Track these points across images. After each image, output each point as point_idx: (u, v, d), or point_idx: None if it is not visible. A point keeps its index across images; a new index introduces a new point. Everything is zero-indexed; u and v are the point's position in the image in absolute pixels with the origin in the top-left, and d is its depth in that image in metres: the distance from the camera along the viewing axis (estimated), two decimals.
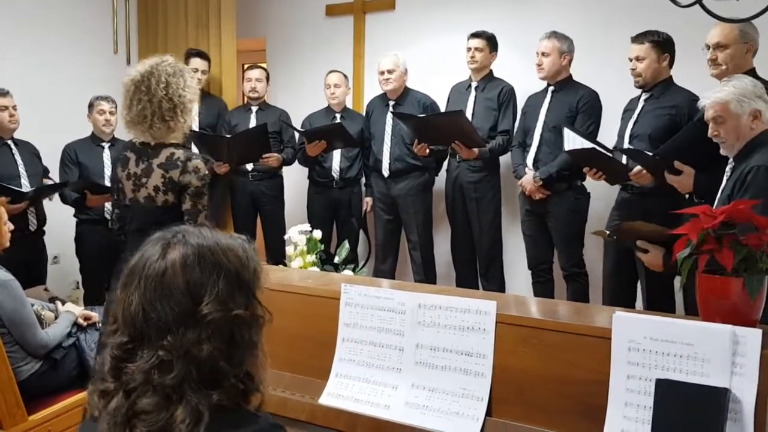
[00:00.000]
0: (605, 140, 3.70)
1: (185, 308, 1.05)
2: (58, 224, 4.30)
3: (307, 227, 3.65)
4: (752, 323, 1.46)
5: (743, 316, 1.46)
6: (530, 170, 3.88)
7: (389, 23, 5.04)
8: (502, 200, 4.29)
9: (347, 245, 3.90)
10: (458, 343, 1.68)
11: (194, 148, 4.61)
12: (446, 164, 4.46)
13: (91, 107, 4.24)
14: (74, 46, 4.87)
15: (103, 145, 4.25)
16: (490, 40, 4.18)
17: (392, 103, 4.45)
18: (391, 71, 4.36)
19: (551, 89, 3.92)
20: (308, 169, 4.74)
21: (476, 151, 4.06)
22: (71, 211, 4.28)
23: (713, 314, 1.49)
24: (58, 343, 2.88)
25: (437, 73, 4.66)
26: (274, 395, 1.76)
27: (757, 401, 1.35)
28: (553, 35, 3.85)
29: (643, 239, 2.41)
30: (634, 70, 3.41)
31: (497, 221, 4.27)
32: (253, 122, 4.70)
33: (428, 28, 4.87)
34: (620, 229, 2.54)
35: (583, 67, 3.95)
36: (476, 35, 4.18)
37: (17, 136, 3.98)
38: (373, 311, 1.80)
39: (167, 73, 2.52)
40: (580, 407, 1.53)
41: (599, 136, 3.77)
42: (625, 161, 3.39)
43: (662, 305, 3.17)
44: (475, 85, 4.25)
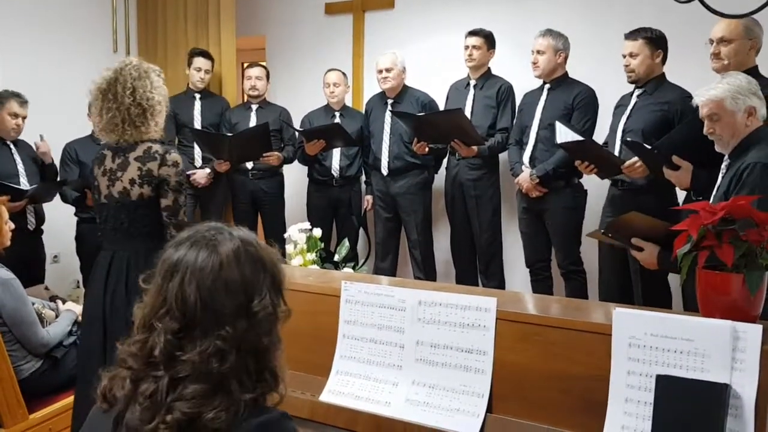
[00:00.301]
0: (602, 137, 3.71)
1: (241, 302, 1.11)
2: (58, 223, 4.30)
3: (306, 225, 3.64)
4: (752, 319, 1.46)
5: (743, 311, 1.46)
6: (527, 168, 3.88)
7: (388, 21, 5.04)
8: (501, 198, 4.29)
9: (347, 243, 3.90)
10: (459, 340, 1.69)
11: (196, 146, 4.64)
12: (446, 162, 4.46)
13: (90, 106, 4.23)
14: (74, 44, 4.86)
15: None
16: (487, 37, 4.18)
17: (391, 101, 4.45)
18: (389, 69, 4.36)
19: (547, 87, 3.92)
20: (308, 167, 4.74)
21: (475, 149, 4.06)
22: (71, 210, 4.29)
23: (713, 310, 1.49)
24: (58, 341, 2.89)
25: (436, 71, 4.66)
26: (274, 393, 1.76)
27: (757, 397, 1.35)
28: (547, 33, 3.85)
29: (638, 235, 2.40)
30: (627, 66, 3.43)
31: (497, 219, 4.28)
32: (253, 120, 4.70)
33: (427, 26, 4.87)
34: (615, 224, 2.53)
35: (580, 64, 3.95)
36: (473, 33, 4.17)
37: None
38: (373, 308, 1.80)
39: (132, 77, 2.47)
40: (580, 403, 1.53)
41: (595, 132, 3.78)
42: (617, 153, 3.40)
43: (658, 302, 3.18)
44: (473, 83, 4.25)
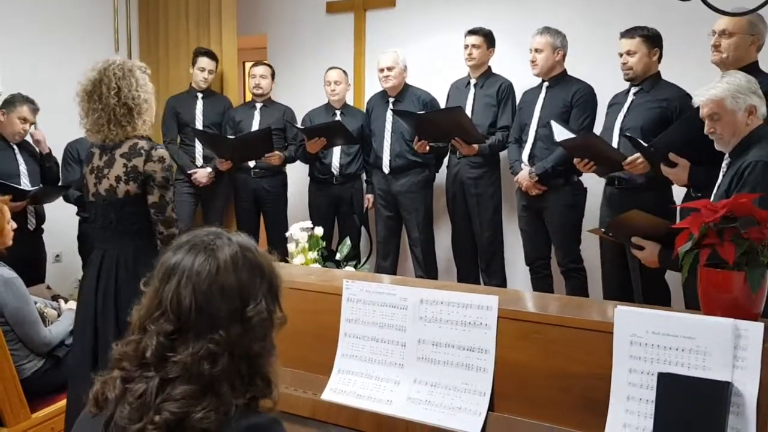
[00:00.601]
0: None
1: (236, 307, 1.12)
2: (60, 223, 4.31)
3: (308, 224, 3.64)
4: (754, 317, 1.46)
5: (745, 309, 1.46)
6: (526, 166, 3.88)
7: (389, 20, 5.04)
8: (502, 196, 4.29)
9: (349, 242, 3.90)
10: (460, 338, 1.68)
11: (198, 145, 4.65)
12: (446, 160, 4.46)
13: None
14: (74, 44, 4.86)
15: None
16: (487, 36, 4.18)
17: (392, 100, 4.45)
18: (390, 68, 4.36)
19: (546, 85, 3.92)
20: (309, 166, 4.75)
21: (476, 147, 4.06)
22: (73, 209, 4.29)
23: (715, 308, 1.49)
24: (60, 340, 2.89)
25: (437, 69, 4.66)
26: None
27: (759, 395, 1.35)
28: (545, 31, 3.85)
29: (638, 234, 2.40)
30: (625, 64, 3.43)
31: (498, 217, 4.28)
32: (257, 119, 4.71)
33: (428, 25, 4.87)
34: (615, 222, 2.53)
35: (580, 62, 3.95)
36: (473, 32, 4.17)
37: None
38: (375, 307, 1.80)
39: (117, 77, 2.45)
40: (582, 401, 1.53)
41: (594, 130, 3.77)
42: (615, 146, 3.40)
43: (658, 299, 3.18)
44: (474, 82, 4.25)
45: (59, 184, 4.17)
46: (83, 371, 2.29)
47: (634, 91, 3.46)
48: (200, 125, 4.67)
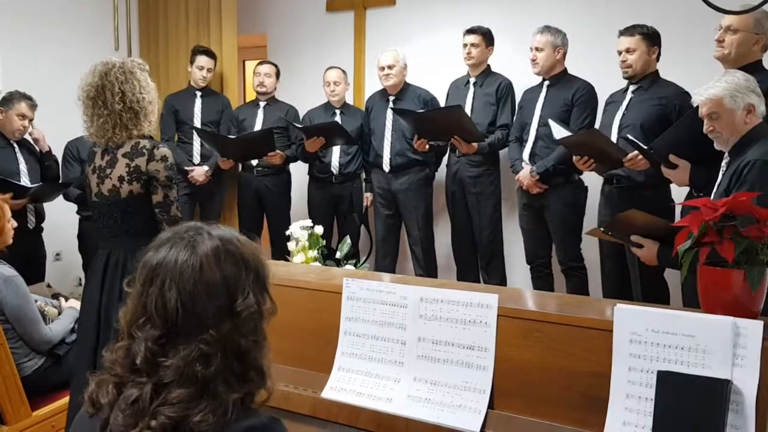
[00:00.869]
0: None
1: (223, 303, 1.09)
2: (60, 221, 4.31)
3: (308, 223, 3.64)
4: (753, 315, 1.46)
5: (744, 307, 1.46)
6: (527, 165, 3.88)
7: (390, 18, 5.04)
8: (501, 194, 4.29)
9: (349, 240, 3.89)
10: (460, 336, 1.69)
11: (195, 143, 4.65)
12: (446, 159, 4.47)
13: None
14: (75, 43, 4.87)
15: None
16: (485, 35, 4.18)
17: (392, 98, 4.45)
18: (391, 66, 4.36)
19: (546, 84, 3.92)
20: (308, 164, 4.75)
21: (475, 145, 4.06)
22: (73, 207, 4.30)
23: (714, 306, 1.50)
24: (61, 339, 2.89)
25: (437, 68, 4.66)
26: (276, 389, 1.76)
27: (758, 392, 1.35)
28: (546, 30, 3.85)
29: (637, 233, 2.40)
30: (624, 62, 3.43)
31: (497, 215, 4.28)
32: (260, 118, 4.73)
33: (428, 23, 4.87)
34: (614, 221, 2.53)
35: (580, 61, 3.95)
36: (471, 31, 4.18)
37: None
38: (375, 305, 1.80)
39: (119, 81, 2.44)
40: (581, 399, 1.54)
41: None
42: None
43: (657, 297, 3.19)
44: (473, 80, 4.26)
45: (59, 182, 4.17)
46: (86, 369, 2.29)
47: (632, 89, 3.47)
48: (198, 123, 4.68)
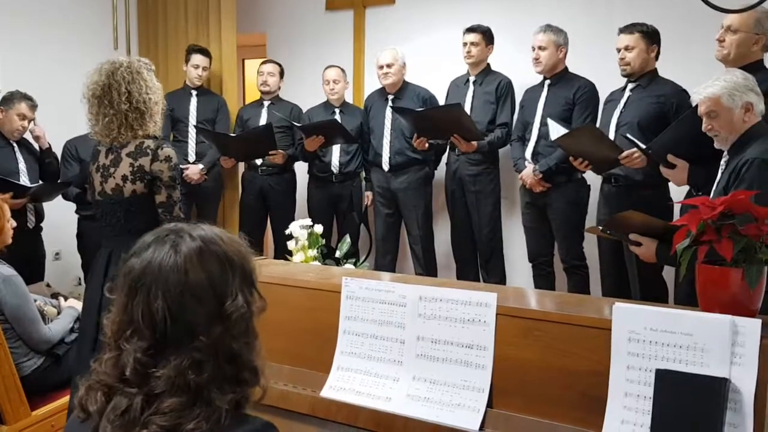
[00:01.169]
0: None
1: (212, 307, 1.05)
2: (59, 221, 4.31)
3: (308, 222, 3.64)
4: (752, 313, 1.46)
5: (743, 306, 1.46)
6: (530, 164, 3.88)
7: (389, 18, 5.04)
8: (501, 193, 4.29)
9: (348, 239, 3.89)
10: (459, 335, 1.69)
11: (191, 141, 4.65)
12: (446, 157, 4.47)
13: None
14: (74, 42, 4.86)
15: None
16: (485, 33, 4.18)
17: (391, 97, 4.45)
18: (390, 65, 4.36)
19: (548, 83, 3.92)
20: (308, 163, 4.75)
21: (475, 144, 4.06)
22: (73, 207, 4.30)
23: (713, 305, 1.50)
24: (60, 338, 2.89)
25: (437, 67, 4.66)
26: (275, 388, 1.76)
27: (756, 391, 1.35)
28: (548, 29, 3.85)
29: (636, 231, 2.41)
30: (623, 59, 3.44)
31: (497, 214, 4.28)
32: (264, 117, 4.74)
33: (428, 22, 4.87)
34: (613, 220, 2.54)
35: (581, 59, 3.95)
36: (471, 30, 4.17)
37: None
38: (374, 304, 1.80)
39: (126, 80, 2.45)
40: (580, 398, 1.54)
41: None
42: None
43: (655, 296, 3.19)
44: (473, 79, 4.26)
45: (59, 180, 4.17)
46: (87, 368, 2.29)
47: (631, 87, 3.47)
48: (193, 122, 4.68)
